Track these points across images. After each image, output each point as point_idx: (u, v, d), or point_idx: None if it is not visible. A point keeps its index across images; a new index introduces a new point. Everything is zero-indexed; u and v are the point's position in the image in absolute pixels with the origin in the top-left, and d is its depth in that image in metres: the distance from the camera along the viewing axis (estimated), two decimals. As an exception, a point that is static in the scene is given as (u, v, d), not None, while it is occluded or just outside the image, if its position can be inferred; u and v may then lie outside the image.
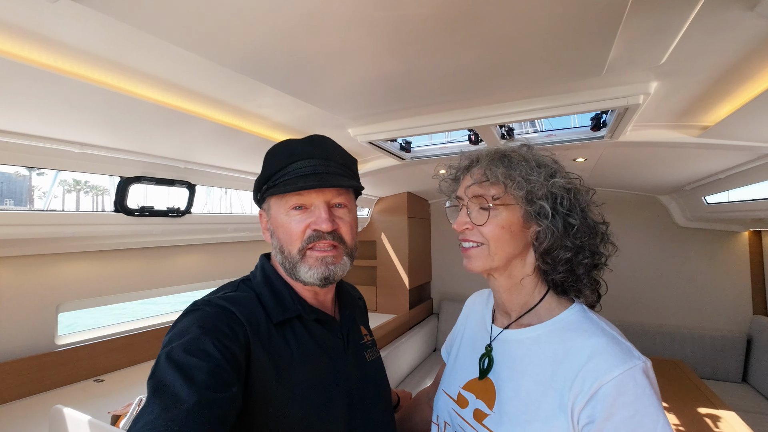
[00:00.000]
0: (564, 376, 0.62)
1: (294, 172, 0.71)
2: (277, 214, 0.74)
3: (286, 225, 0.73)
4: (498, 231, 0.70)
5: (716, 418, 1.95)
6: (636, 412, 0.55)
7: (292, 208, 0.72)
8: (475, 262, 0.73)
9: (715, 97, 1.44)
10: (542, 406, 0.63)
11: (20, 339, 1.69)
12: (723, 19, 0.95)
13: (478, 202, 0.73)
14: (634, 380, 0.57)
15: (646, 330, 3.33)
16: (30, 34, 0.90)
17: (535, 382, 0.66)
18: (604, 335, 0.63)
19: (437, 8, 0.81)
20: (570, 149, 2.13)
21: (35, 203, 20.62)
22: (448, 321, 3.97)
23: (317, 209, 0.72)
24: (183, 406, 0.50)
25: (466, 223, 0.73)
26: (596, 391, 0.57)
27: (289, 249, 0.73)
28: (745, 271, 3.16)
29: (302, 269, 0.72)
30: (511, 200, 0.71)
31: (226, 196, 3.50)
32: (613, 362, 0.58)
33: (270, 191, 0.73)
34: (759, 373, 2.89)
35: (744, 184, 2.23)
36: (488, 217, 0.71)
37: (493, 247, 0.71)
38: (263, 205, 0.80)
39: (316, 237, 0.72)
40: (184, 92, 1.31)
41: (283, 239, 0.73)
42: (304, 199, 0.72)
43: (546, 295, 0.74)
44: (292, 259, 0.73)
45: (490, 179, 0.71)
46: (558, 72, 1.18)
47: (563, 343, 0.66)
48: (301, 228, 0.72)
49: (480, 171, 0.73)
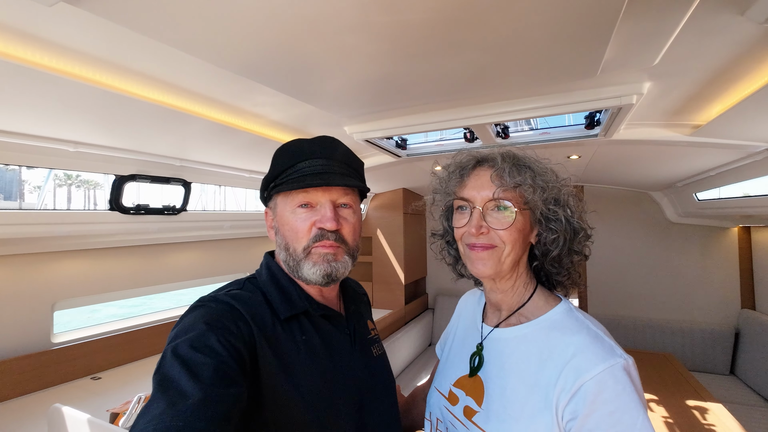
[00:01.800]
0: (549, 374, 0.64)
1: (302, 171, 0.72)
2: (283, 211, 0.75)
3: (292, 222, 0.73)
4: (516, 235, 0.70)
5: (704, 411, 2.00)
6: (616, 409, 0.57)
7: (298, 205, 0.73)
8: (488, 266, 0.71)
9: (706, 98, 1.46)
10: (528, 404, 0.65)
11: (16, 337, 1.68)
12: (715, 22, 0.97)
13: (495, 205, 0.71)
14: (614, 377, 0.58)
15: (636, 323, 3.39)
16: (25, 34, 0.90)
17: (521, 379, 0.68)
18: (588, 333, 0.65)
19: (434, 13, 0.82)
20: (564, 147, 2.15)
21: (26, 197, 20.32)
22: (444, 316, 4.01)
23: (323, 208, 0.73)
24: (188, 402, 0.50)
25: (483, 226, 0.71)
26: (578, 389, 0.59)
27: (294, 246, 0.73)
28: (734, 266, 3.23)
29: (305, 266, 0.72)
30: (524, 205, 0.72)
31: (220, 190, 3.49)
32: (595, 360, 0.60)
33: (277, 189, 0.73)
34: (746, 365, 2.97)
35: (734, 181, 2.27)
36: (513, 221, 0.70)
37: (508, 251, 0.71)
38: (269, 203, 0.80)
39: (320, 236, 0.72)
40: (179, 91, 1.30)
41: (288, 236, 0.74)
42: (311, 197, 0.73)
43: (534, 293, 0.76)
44: (297, 256, 0.73)
45: (512, 184, 0.70)
46: (553, 73, 1.19)
47: (548, 342, 0.67)
48: (307, 225, 0.72)
49: (498, 174, 0.71)
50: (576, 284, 0.77)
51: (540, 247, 0.74)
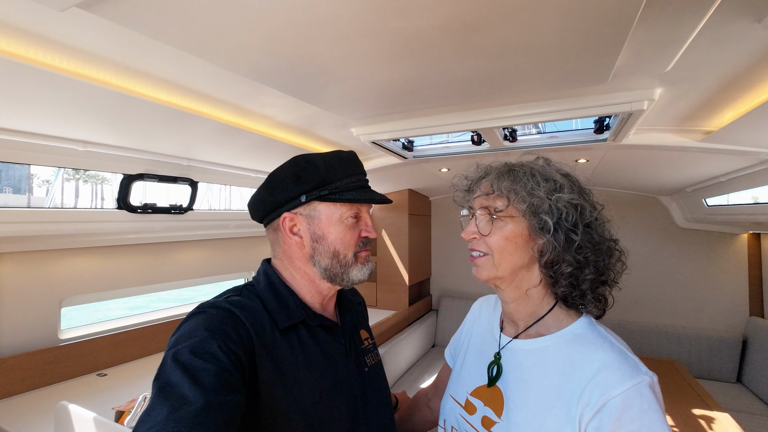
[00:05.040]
0: (572, 389, 0.64)
1: (353, 184, 0.77)
2: (330, 219, 0.76)
3: (344, 231, 0.77)
4: (502, 242, 0.72)
5: (710, 420, 1.98)
6: (641, 426, 0.57)
7: (351, 215, 0.77)
8: (481, 271, 0.76)
9: (719, 104, 1.44)
10: (550, 417, 0.65)
11: (24, 334, 1.70)
12: (730, 30, 0.95)
13: (484, 214, 0.75)
14: (641, 395, 0.59)
15: (642, 329, 3.36)
16: (37, 37, 0.90)
17: (542, 393, 0.67)
18: (612, 349, 0.65)
19: (445, 19, 0.81)
20: (572, 151, 2.13)
21: (34, 191, 20.55)
22: (448, 318, 4.00)
23: (366, 218, 0.80)
24: (190, 408, 0.50)
25: (473, 232, 0.76)
26: (604, 405, 0.59)
27: (344, 253, 0.77)
28: (743, 273, 3.18)
29: (355, 270, 0.78)
30: (515, 213, 0.72)
31: (225, 188, 3.51)
32: (621, 377, 0.60)
33: (330, 197, 0.75)
34: (753, 373, 2.93)
35: (745, 187, 2.24)
36: (492, 228, 0.73)
37: (497, 258, 0.73)
38: (298, 209, 0.77)
39: (365, 243, 0.80)
40: (187, 92, 1.31)
41: (338, 244, 0.77)
42: (358, 209, 0.79)
43: (554, 307, 0.75)
44: (347, 261, 0.77)
45: (495, 192, 0.74)
46: (563, 79, 1.17)
47: (571, 356, 0.67)
48: (356, 234, 0.78)
49: (487, 183, 0.76)
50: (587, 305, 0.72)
51: (539, 258, 0.72)
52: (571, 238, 0.70)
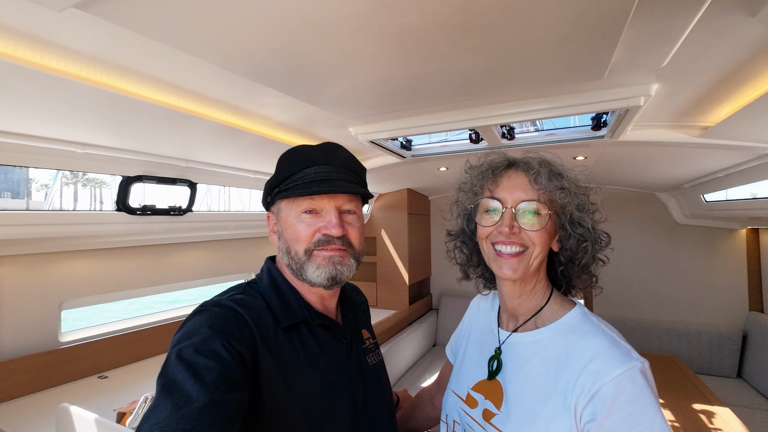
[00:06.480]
0: (567, 377, 0.65)
1: (307, 177, 0.73)
2: (287, 216, 0.75)
3: (295, 227, 0.74)
4: (545, 237, 0.74)
5: (710, 414, 1.99)
6: (634, 411, 0.58)
7: (303, 211, 0.73)
8: (518, 269, 0.73)
9: (715, 99, 1.44)
10: (547, 406, 0.66)
11: (24, 336, 1.70)
12: (725, 24, 0.95)
13: (528, 207, 0.73)
14: (633, 380, 0.60)
15: (643, 325, 3.36)
16: (34, 38, 0.90)
17: (539, 383, 0.69)
18: (605, 337, 0.66)
19: (441, 16, 0.81)
20: (570, 148, 2.14)
21: (33, 195, 20.52)
22: (448, 316, 4.00)
23: (328, 214, 0.73)
24: (194, 406, 0.50)
25: (515, 226, 0.72)
26: (597, 391, 0.61)
27: (295, 249, 0.74)
28: (742, 268, 3.19)
29: (310, 269, 0.73)
30: (550, 208, 0.74)
31: (224, 189, 3.51)
32: (613, 363, 0.62)
33: (282, 194, 0.74)
34: (753, 368, 2.94)
35: (742, 182, 2.25)
36: (545, 223, 0.72)
37: (537, 252, 0.73)
38: (272, 208, 0.80)
39: (326, 241, 0.73)
40: (185, 93, 1.31)
41: (290, 240, 0.74)
42: (316, 203, 0.73)
43: (550, 298, 0.77)
44: (299, 259, 0.73)
45: (549, 188, 0.72)
46: (560, 76, 1.18)
47: (566, 346, 0.69)
48: (310, 231, 0.73)
49: (535, 178, 0.73)
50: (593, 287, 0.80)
51: (565, 253, 0.76)
52: (598, 235, 0.76)
